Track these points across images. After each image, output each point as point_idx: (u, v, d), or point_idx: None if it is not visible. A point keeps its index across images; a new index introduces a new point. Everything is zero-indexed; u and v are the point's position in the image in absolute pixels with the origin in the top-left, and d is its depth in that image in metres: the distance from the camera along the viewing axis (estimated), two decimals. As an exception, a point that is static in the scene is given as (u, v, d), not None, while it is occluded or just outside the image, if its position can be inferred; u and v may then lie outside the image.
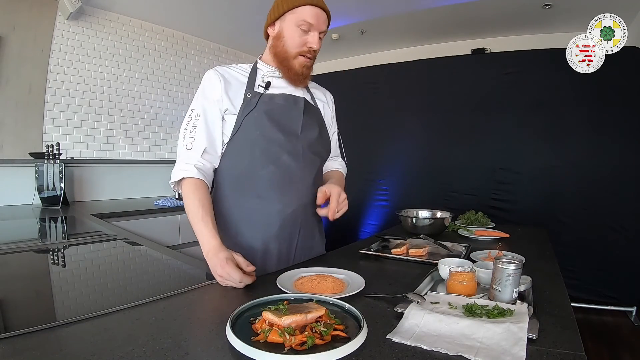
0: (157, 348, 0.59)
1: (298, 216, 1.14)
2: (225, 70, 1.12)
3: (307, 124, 1.15)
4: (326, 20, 1.07)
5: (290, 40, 1.06)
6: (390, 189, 3.51)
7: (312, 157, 1.16)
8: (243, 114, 1.07)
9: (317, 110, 1.23)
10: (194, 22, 3.36)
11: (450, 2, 2.93)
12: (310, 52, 1.07)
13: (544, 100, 2.83)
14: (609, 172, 2.64)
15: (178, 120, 3.49)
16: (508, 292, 0.78)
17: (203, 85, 1.10)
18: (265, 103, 1.09)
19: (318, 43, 1.06)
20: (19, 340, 0.61)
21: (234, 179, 1.12)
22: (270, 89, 1.11)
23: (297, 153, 1.11)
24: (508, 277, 0.78)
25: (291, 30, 1.05)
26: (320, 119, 1.22)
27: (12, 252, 1.39)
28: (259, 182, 1.09)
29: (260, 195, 1.10)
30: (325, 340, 0.60)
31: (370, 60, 4.08)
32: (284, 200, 1.11)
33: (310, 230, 1.21)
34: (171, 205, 2.71)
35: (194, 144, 1.05)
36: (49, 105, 2.70)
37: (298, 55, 1.07)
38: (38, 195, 2.50)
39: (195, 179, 1.04)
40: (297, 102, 1.14)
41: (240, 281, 0.87)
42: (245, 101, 1.08)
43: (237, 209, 1.12)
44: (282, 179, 1.10)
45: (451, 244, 1.38)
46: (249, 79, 1.12)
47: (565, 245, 2.51)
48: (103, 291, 1.03)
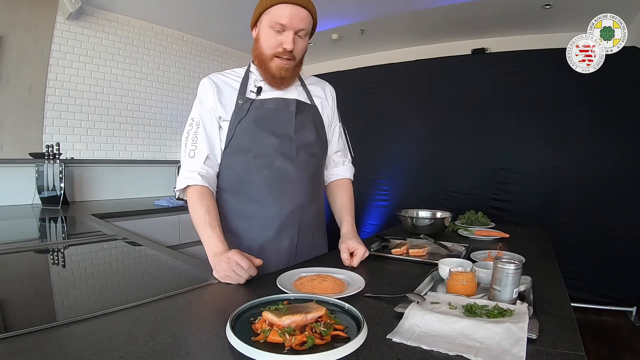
0: (157, 348, 0.59)
1: (296, 217, 1.15)
2: (218, 78, 1.14)
3: (300, 125, 1.15)
4: (306, 17, 1.03)
5: (265, 42, 1.06)
6: (390, 189, 3.51)
7: (308, 157, 1.16)
8: (235, 121, 1.09)
9: (314, 108, 1.21)
10: (194, 22, 3.36)
11: (450, 2, 2.92)
12: (285, 52, 1.05)
13: (544, 100, 2.83)
14: (609, 172, 2.64)
15: (178, 120, 3.49)
16: (508, 292, 0.78)
17: (199, 94, 1.13)
18: (257, 109, 1.10)
19: (291, 43, 1.03)
20: (19, 340, 0.61)
21: (231, 185, 1.14)
22: (262, 94, 1.12)
23: (291, 155, 1.12)
24: (508, 277, 0.78)
25: (265, 32, 1.05)
26: (316, 117, 1.21)
27: (12, 252, 1.39)
28: (254, 186, 1.11)
29: (257, 199, 1.12)
30: (325, 340, 0.60)
31: (370, 60, 4.08)
32: (281, 203, 1.12)
33: (310, 230, 1.22)
34: (171, 205, 2.71)
35: (196, 152, 1.08)
36: (49, 105, 2.70)
37: (274, 57, 1.06)
38: (38, 195, 2.50)
39: (200, 186, 1.06)
40: (289, 104, 1.14)
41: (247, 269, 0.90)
42: (237, 107, 1.10)
43: (235, 214, 1.14)
44: (278, 182, 1.11)
45: (451, 244, 1.38)
46: (241, 84, 1.13)
47: (565, 245, 2.51)
48: (103, 291, 1.03)
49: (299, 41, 1.06)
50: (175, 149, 3.50)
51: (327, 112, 1.25)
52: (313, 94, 1.23)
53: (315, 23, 1.09)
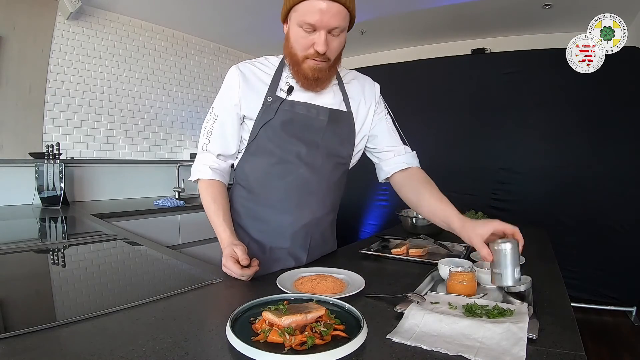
0: (157, 348, 0.59)
1: (310, 229, 1.11)
2: (248, 68, 1.04)
3: (330, 134, 1.06)
4: (339, 13, 0.88)
5: (295, 43, 0.95)
6: (390, 189, 3.49)
7: (332, 167, 1.09)
8: (261, 121, 1.02)
9: (349, 115, 1.10)
10: (195, 22, 3.36)
11: (450, 2, 2.92)
12: (317, 55, 0.93)
13: (544, 100, 2.83)
14: (609, 172, 2.64)
15: (178, 120, 3.49)
16: (510, 273, 0.76)
17: (224, 85, 1.05)
18: (286, 111, 1.02)
19: (323, 44, 0.90)
20: (19, 340, 0.61)
21: (249, 184, 1.11)
22: (293, 94, 1.03)
23: (316, 164, 1.06)
24: (506, 256, 0.76)
25: (295, 31, 0.93)
26: (349, 124, 1.10)
27: (12, 252, 1.39)
28: (273, 192, 1.07)
29: (274, 206, 1.08)
30: (325, 340, 0.60)
31: (370, 60, 4.08)
32: (297, 213, 1.08)
33: (322, 240, 1.19)
34: (171, 205, 2.70)
35: (209, 147, 1.07)
36: (49, 105, 2.70)
37: (306, 59, 0.95)
38: (38, 195, 2.49)
39: (210, 180, 1.07)
40: (321, 112, 1.04)
41: (241, 276, 0.91)
42: (265, 106, 1.02)
43: (248, 212, 1.12)
44: (298, 191, 1.06)
45: (451, 244, 1.38)
46: (273, 79, 1.04)
47: (565, 245, 2.51)
48: (103, 291, 1.03)
49: (333, 40, 0.93)
50: (175, 149, 3.50)
51: (362, 113, 1.12)
52: (350, 94, 1.11)
53: (353, 16, 0.94)
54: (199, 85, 3.69)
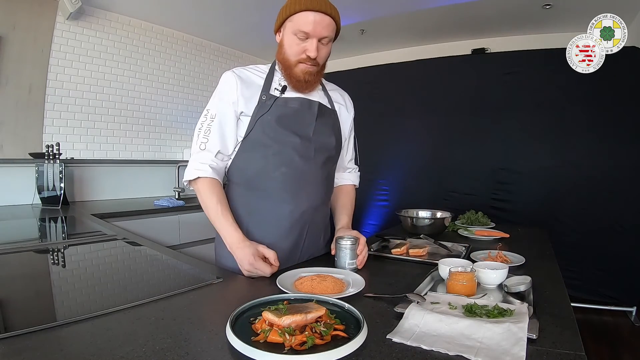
0: (157, 348, 0.59)
1: (307, 218, 1.17)
2: (243, 72, 1.13)
3: (320, 127, 1.16)
4: (329, 25, 1.04)
5: (289, 49, 1.06)
6: (390, 189, 3.51)
7: (324, 160, 1.17)
8: (257, 115, 1.09)
9: (333, 112, 1.23)
10: (194, 22, 3.36)
11: (450, 2, 2.93)
12: (309, 60, 1.06)
13: (544, 100, 2.83)
14: (609, 172, 2.64)
15: (178, 120, 3.49)
16: (342, 261, 1.04)
17: (220, 87, 1.12)
18: (280, 107, 1.11)
19: (315, 51, 1.03)
20: (19, 340, 0.61)
21: (245, 179, 1.15)
22: (286, 93, 1.12)
23: (309, 156, 1.13)
24: (346, 250, 1.03)
25: (289, 38, 1.05)
26: (335, 122, 1.23)
27: (12, 252, 1.39)
28: (271, 183, 1.12)
29: (272, 196, 1.13)
30: (325, 340, 0.60)
31: (370, 60, 4.08)
32: (295, 202, 1.13)
33: (317, 232, 1.23)
34: (171, 205, 2.70)
35: (208, 145, 1.09)
36: (49, 105, 2.70)
37: (298, 63, 1.07)
38: (38, 195, 2.49)
39: (211, 178, 1.08)
40: (312, 106, 1.15)
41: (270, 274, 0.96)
42: (260, 103, 1.10)
43: (247, 208, 1.15)
44: (295, 181, 1.12)
45: (451, 244, 1.38)
46: (266, 81, 1.13)
47: (565, 245, 2.51)
48: (103, 291, 1.03)
49: (323, 48, 1.06)
50: (175, 149, 3.50)
51: (344, 119, 1.27)
52: (334, 99, 1.25)
53: (338, 29, 1.09)
54: (199, 85, 3.69)
